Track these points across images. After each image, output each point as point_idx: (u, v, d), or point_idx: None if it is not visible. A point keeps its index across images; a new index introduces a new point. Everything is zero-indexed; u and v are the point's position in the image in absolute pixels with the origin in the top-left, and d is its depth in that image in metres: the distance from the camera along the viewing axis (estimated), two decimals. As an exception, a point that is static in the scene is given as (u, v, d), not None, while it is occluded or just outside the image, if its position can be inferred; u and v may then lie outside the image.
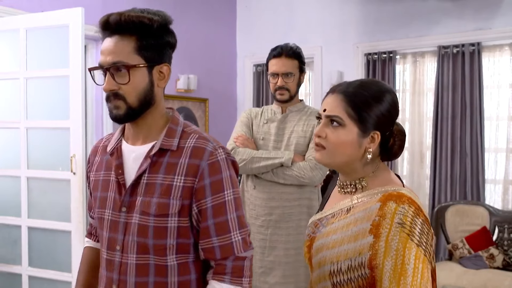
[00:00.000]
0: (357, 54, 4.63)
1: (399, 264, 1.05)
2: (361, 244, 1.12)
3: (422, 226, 1.10)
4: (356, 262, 1.12)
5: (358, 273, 1.12)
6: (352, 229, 1.16)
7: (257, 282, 2.36)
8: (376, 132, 1.20)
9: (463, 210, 3.95)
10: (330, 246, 1.19)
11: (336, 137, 1.20)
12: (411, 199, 1.13)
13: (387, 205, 1.11)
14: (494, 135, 4.15)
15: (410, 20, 4.35)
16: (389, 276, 1.05)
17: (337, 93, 1.23)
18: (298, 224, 2.34)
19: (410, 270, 1.05)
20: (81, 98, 3.04)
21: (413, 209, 1.11)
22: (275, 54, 2.40)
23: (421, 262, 1.06)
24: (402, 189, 1.18)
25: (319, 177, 2.30)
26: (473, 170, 4.07)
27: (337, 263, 1.16)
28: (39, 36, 3.16)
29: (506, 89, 4.09)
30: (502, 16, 3.96)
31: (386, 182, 1.21)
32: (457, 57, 4.15)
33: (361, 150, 1.21)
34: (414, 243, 1.06)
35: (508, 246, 3.76)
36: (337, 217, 1.23)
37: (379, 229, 1.09)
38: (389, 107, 1.21)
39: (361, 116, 1.19)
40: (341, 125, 1.19)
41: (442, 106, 4.21)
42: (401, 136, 1.26)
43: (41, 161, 3.17)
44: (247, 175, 2.44)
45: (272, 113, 2.48)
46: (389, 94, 1.22)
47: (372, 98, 1.19)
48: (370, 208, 1.15)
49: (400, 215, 1.09)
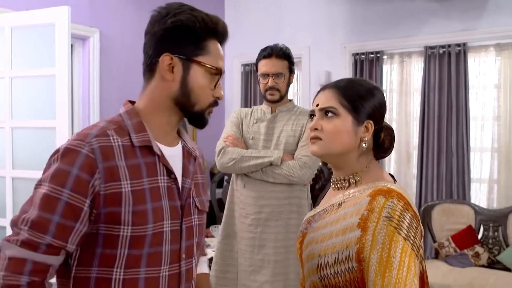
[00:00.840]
0: (345, 54, 4.65)
1: (385, 257, 1.05)
2: (349, 238, 1.12)
3: (411, 220, 1.10)
4: (343, 255, 1.12)
5: (345, 266, 1.12)
6: (341, 223, 1.16)
7: (247, 280, 2.37)
8: (369, 121, 1.23)
9: (449, 209, 4.00)
10: (319, 240, 1.20)
11: (332, 126, 1.22)
12: (401, 194, 1.14)
13: (376, 199, 1.12)
14: (479, 134, 4.20)
15: (398, 21, 4.38)
16: (375, 269, 1.06)
17: (328, 88, 1.27)
18: (287, 223, 2.36)
19: (396, 263, 1.04)
20: (67, 98, 3.01)
21: (402, 203, 1.11)
22: (265, 54, 2.41)
23: (407, 256, 1.06)
24: (393, 185, 1.19)
25: (308, 176, 2.33)
26: (459, 169, 4.12)
27: (324, 256, 1.16)
28: (25, 35, 3.12)
29: (491, 89, 4.15)
30: (488, 17, 4.01)
31: (377, 178, 1.23)
32: (443, 57, 4.19)
33: (357, 139, 1.22)
34: (401, 237, 1.07)
35: (493, 244, 3.81)
36: (329, 212, 1.24)
37: (366, 223, 1.10)
38: (380, 101, 1.25)
39: (355, 106, 1.22)
40: (336, 115, 1.22)
41: (428, 106, 4.25)
42: (390, 131, 1.29)
43: (26, 161, 3.14)
44: (236, 174, 2.45)
45: (261, 113, 2.49)
46: (378, 90, 1.27)
47: (364, 91, 1.24)
48: (359, 202, 1.16)
49: (389, 209, 1.10)
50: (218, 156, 2.39)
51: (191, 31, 1.11)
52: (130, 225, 1.05)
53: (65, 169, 1.01)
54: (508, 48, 4.04)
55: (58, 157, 1.03)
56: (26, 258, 0.98)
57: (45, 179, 1.03)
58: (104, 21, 4.08)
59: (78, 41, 3.96)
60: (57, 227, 1.00)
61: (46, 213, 1.00)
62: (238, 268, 2.41)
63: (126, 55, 4.26)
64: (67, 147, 1.04)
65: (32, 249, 0.99)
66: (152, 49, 1.14)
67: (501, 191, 4.09)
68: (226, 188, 4.97)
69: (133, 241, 1.05)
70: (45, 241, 0.99)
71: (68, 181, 1.01)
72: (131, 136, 1.10)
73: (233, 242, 2.44)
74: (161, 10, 1.14)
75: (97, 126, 1.10)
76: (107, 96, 4.10)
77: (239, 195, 2.44)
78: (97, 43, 3.99)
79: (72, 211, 1.01)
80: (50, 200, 1.00)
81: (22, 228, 0.99)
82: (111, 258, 1.05)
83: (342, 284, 1.13)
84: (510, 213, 3.79)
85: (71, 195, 1.01)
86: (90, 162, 1.02)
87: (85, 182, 1.02)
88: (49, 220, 0.99)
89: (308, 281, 1.24)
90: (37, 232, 0.99)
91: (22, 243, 0.98)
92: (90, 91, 3.99)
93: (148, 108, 1.15)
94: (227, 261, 2.44)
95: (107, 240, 1.05)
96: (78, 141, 1.04)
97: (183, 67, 1.12)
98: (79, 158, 1.02)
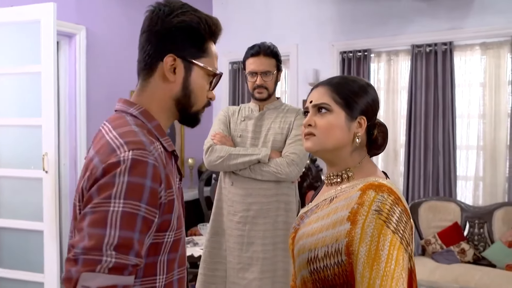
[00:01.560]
0: (333, 52, 4.67)
1: (373, 250, 1.06)
2: (339, 231, 1.13)
3: (401, 215, 1.11)
4: (332, 248, 1.13)
5: (334, 260, 1.12)
6: (332, 217, 1.17)
7: (235, 278, 2.37)
8: (362, 117, 1.24)
9: (436, 206, 4.04)
10: (310, 234, 1.21)
11: (325, 121, 1.23)
12: (391, 189, 1.15)
13: (367, 193, 1.13)
14: (465, 132, 4.24)
15: (385, 20, 4.41)
16: (363, 262, 1.06)
17: (321, 85, 1.28)
18: (275, 220, 2.36)
19: (384, 256, 1.05)
20: (53, 95, 2.99)
21: (392, 198, 1.12)
22: (253, 53, 2.41)
23: (396, 249, 1.06)
24: (384, 180, 1.20)
25: (295, 173, 2.34)
26: (445, 167, 4.16)
27: (314, 250, 1.17)
28: (9, 32, 3.09)
29: (477, 87, 4.19)
30: (474, 16, 4.06)
31: (370, 174, 1.23)
32: (430, 56, 4.23)
33: (350, 134, 1.23)
34: (390, 230, 1.07)
35: (478, 241, 3.86)
36: (320, 207, 1.25)
37: (356, 216, 1.10)
38: (373, 98, 1.27)
39: (347, 102, 1.23)
40: (329, 111, 1.23)
41: (415, 104, 4.28)
42: (383, 128, 1.31)
43: (12, 160, 3.10)
44: (224, 172, 2.45)
45: (249, 111, 2.49)
46: (371, 87, 1.29)
47: (357, 88, 1.26)
48: (350, 197, 1.16)
49: (378, 202, 1.10)
50: (206, 154, 2.39)
51: (195, 33, 1.10)
52: (174, 230, 1.04)
53: (139, 182, 0.93)
54: (493, 47, 4.08)
55: (126, 169, 0.93)
56: (117, 284, 0.89)
57: (117, 196, 0.92)
58: (90, 18, 4.04)
59: (64, 38, 3.92)
60: (138, 244, 0.93)
61: (129, 231, 0.91)
62: (227, 265, 2.41)
63: (113, 52, 4.23)
64: (134, 158, 0.95)
65: (120, 273, 0.90)
66: (153, 48, 1.10)
67: (487, 188, 4.14)
68: (214, 186, 4.96)
69: (173, 246, 1.05)
70: (132, 262, 0.91)
71: (144, 194, 0.93)
72: (161, 140, 1.08)
73: (222, 240, 2.44)
74: (162, 7, 1.10)
75: (137, 132, 1.02)
76: (93, 94, 4.06)
77: (227, 193, 2.44)
78: (83, 40, 3.95)
79: (146, 225, 0.95)
80: (130, 217, 0.92)
81: (107, 253, 0.89)
82: (154, 266, 1.03)
83: (331, 277, 1.13)
84: (495, 210, 3.84)
85: (147, 208, 0.94)
86: (157, 172, 0.97)
87: (156, 193, 0.96)
88: (132, 238, 0.92)
89: (299, 276, 1.25)
90: (124, 254, 0.90)
91: (111, 270, 0.88)
92: (77, 89, 3.95)
93: (155, 109, 1.12)
94: (216, 259, 2.44)
95: (152, 249, 1.01)
96: (141, 151, 0.96)
97: (185, 69, 1.11)
98: (149, 169, 0.95)
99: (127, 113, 1.10)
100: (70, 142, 3.98)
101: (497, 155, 4.06)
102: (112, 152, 0.97)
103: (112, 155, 0.96)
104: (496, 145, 4.07)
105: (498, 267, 3.62)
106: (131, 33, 4.50)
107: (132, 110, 1.10)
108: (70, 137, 3.98)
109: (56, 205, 2.99)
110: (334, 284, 1.14)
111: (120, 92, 4.38)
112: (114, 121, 1.08)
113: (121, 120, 1.07)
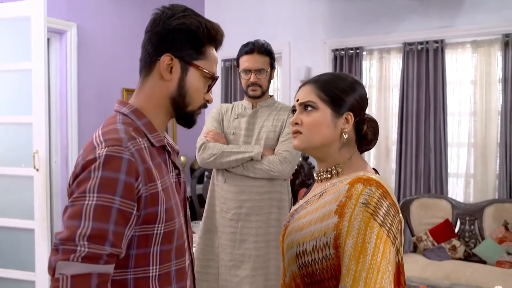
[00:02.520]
0: (325, 50, 4.68)
1: (360, 242, 1.05)
2: (326, 224, 1.13)
3: (388, 208, 1.11)
4: (321, 242, 1.13)
5: (322, 253, 1.12)
6: (321, 211, 1.17)
7: (228, 275, 2.37)
8: (349, 113, 1.24)
9: (427, 203, 4.06)
10: (299, 228, 1.21)
11: (311, 119, 1.24)
12: (379, 182, 1.15)
13: (355, 186, 1.13)
14: (456, 130, 4.27)
15: (377, 17, 4.42)
16: (349, 254, 1.06)
17: (308, 83, 1.29)
18: (268, 217, 2.37)
19: (371, 249, 1.05)
20: (44, 93, 2.96)
21: (380, 191, 1.12)
22: (247, 50, 2.41)
23: (382, 242, 1.06)
24: (373, 174, 1.20)
25: (288, 170, 2.34)
26: (436, 164, 4.19)
27: (302, 244, 1.17)
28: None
29: (468, 85, 4.22)
30: (465, 14, 4.08)
31: (359, 169, 1.24)
32: (421, 53, 4.24)
33: (337, 130, 1.24)
34: (377, 223, 1.07)
35: (469, 237, 3.89)
36: (310, 203, 1.26)
37: (344, 209, 1.10)
38: (360, 94, 1.27)
39: (333, 98, 1.24)
40: (314, 108, 1.24)
41: (407, 102, 4.30)
42: (373, 123, 1.30)
43: (2, 158, 3.08)
44: (217, 170, 2.45)
45: (242, 109, 2.49)
46: (358, 83, 1.29)
47: (343, 84, 1.26)
48: (339, 190, 1.17)
49: (366, 195, 1.10)
50: (199, 152, 2.39)
51: (194, 35, 1.15)
52: (163, 222, 1.09)
53: (112, 177, 0.99)
54: (484, 45, 4.11)
55: (100, 165, 1.00)
56: (91, 272, 0.96)
57: (91, 190, 0.98)
58: (81, 15, 4.01)
59: (55, 35, 3.89)
60: (114, 235, 0.98)
61: (102, 223, 0.97)
62: (219, 263, 2.41)
63: (104, 49, 4.20)
64: (108, 154, 1.01)
65: (95, 262, 0.96)
66: (153, 48, 1.16)
67: (477, 185, 4.17)
68: (206, 184, 4.96)
69: (164, 237, 1.09)
70: (106, 251, 0.97)
71: (118, 188, 0.99)
72: (148, 136, 1.13)
73: (214, 237, 2.44)
74: (165, 10, 1.16)
75: (119, 130, 1.08)
76: (85, 91, 4.04)
77: (219, 190, 2.44)
78: (74, 37, 3.92)
79: (124, 217, 1.00)
80: (103, 210, 0.98)
81: (80, 243, 0.95)
82: (146, 257, 1.08)
83: (319, 271, 1.14)
84: (486, 207, 3.88)
85: (122, 201, 1.00)
86: (133, 167, 1.02)
87: (132, 186, 1.01)
88: (107, 229, 0.97)
89: (288, 272, 1.25)
90: (98, 244, 0.96)
91: (84, 259, 0.95)
92: (68, 86, 3.92)
93: (150, 107, 1.17)
94: (208, 256, 2.44)
95: (142, 241, 1.07)
96: (116, 147, 1.02)
97: (182, 69, 1.16)
98: (123, 163, 1.01)
99: (120, 113, 1.16)
100: (61, 139, 3.95)
101: (488, 152, 4.09)
102: (93, 150, 1.04)
103: (92, 152, 1.03)
104: (487, 143, 4.10)
105: (489, 263, 3.65)
106: (123, 30, 4.49)
107: (124, 109, 1.16)
108: (61, 135, 3.95)
109: (47, 203, 2.97)
110: (322, 279, 1.14)
111: (112, 89, 4.36)
112: (106, 121, 1.15)
113: (111, 120, 1.14)
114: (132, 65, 4.25)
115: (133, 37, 4.31)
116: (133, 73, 4.02)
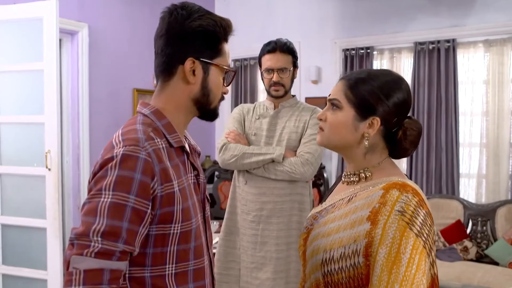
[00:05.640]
0: (335, 49, 4.66)
1: (394, 252, 1.00)
2: (357, 231, 1.07)
3: (425, 218, 1.05)
4: (350, 249, 1.07)
5: (350, 261, 1.07)
6: (351, 217, 1.11)
7: (249, 277, 2.34)
8: (375, 118, 1.16)
9: (439, 204, 4.03)
10: (325, 234, 1.15)
11: (333, 118, 1.20)
12: (416, 190, 1.09)
13: (390, 192, 1.07)
14: (468, 130, 4.23)
15: (387, 17, 4.40)
16: (381, 264, 1.00)
17: (342, 79, 1.24)
18: (289, 220, 2.32)
19: (405, 260, 0.99)
20: (56, 93, 2.99)
21: (416, 199, 1.07)
22: (269, 49, 2.37)
23: (418, 253, 1.00)
24: (408, 180, 1.14)
25: (310, 173, 2.28)
26: (448, 164, 4.15)
27: (330, 251, 1.12)
28: (12, 29, 3.09)
29: (480, 85, 4.18)
30: (476, 13, 4.04)
31: (391, 174, 1.17)
32: (432, 53, 4.21)
33: (357, 134, 1.17)
34: (413, 233, 1.01)
35: (481, 238, 3.85)
36: (337, 207, 1.20)
37: (377, 216, 1.05)
38: (395, 102, 1.17)
39: (360, 100, 1.17)
40: (339, 108, 1.19)
41: (418, 102, 4.27)
42: (414, 131, 1.19)
43: (15, 157, 3.10)
44: (238, 171, 2.42)
45: (264, 109, 2.46)
46: (397, 88, 1.18)
47: (376, 87, 1.17)
48: (371, 196, 1.11)
49: (402, 203, 1.05)
50: (220, 153, 2.35)
51: (212, 36, 1.16)
52: (180, 222, 1.10)
53: (128, 175, 1.01)
54: (496, 44, 4.07)
55: (117, 164, 1.02)
56: (104, 268, 0.98)
57: (107, 188, 1.00)
58: (92, 16, 4.04)
59: (67, 36, 3.92)
60: (127, 232, 1.00)
61: (116, 221, 0.99)
62: (241, 264, 2.38)
63: (115, 50, 4.23)
64: (125, 153, 1.03)
65: (107, 258, 0.98)
66: (172, 51, 1.15)
67: (489, 186, 4.13)
68: (216, 184, 4.96)
69: (181, 237, 1.11)
70: (119, 248, 0.99)
71: (133, 186, 1.01)
72: (167, 137, 1.14)
73: (236, 239, 2.41)
74: (180, 11, 1.15)
75: (138, 130, 1.09)
76: (96, 91, 4.06)
77: (241, 192, 2.41)
78: (85, 38, 3.95)
79: (138, 215, 1.02)
80: (118, 207, 1.00)
81: (94, 239, 0.98)
82: (163, 256, 1.09)
83: (345, 280, 1.09)
84: (498, 208, 3.84)
85: (137, 200, 1.01)
86: (149, 166, 1.04)
87: (147, 186, 1.03)
88: (120, 227, 0.99)
89: (311, 278, 1.20)
90: (111, 240, 0.98)
91: (97, 254, 0.97)
92: (79, 86, 3.95)
93: (170, 109, 1.18)
94: (230, 258, 2.41)
95: (158, 240, 1.08)
96: (133, 147, 1.04)
97: (203, 70, 1.17)
98: (139, 163, 1.03)
99: (141, 113, 1.18)
100: (73, 139, 3.99)
101: (500, 152, 4.05)
102: (111, 149, 1.05)
103: (110, 151, 1.05)
104: (499, 143, 4.06)
105: (501, 264, 3.61)
106: (134, 31, 4.51)
107: (145, 110, 1.17)
108: (73, 134, 3.98)
109: (59, 202, 2.99)
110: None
111: (122, 89, 4.39)
112: (127, 121, 1.17)
113: (132, 120, 1.16)
114: (142, 66, 4.29)
115: (143, 38, 4.33)
116: (143, 73, 4.04)
